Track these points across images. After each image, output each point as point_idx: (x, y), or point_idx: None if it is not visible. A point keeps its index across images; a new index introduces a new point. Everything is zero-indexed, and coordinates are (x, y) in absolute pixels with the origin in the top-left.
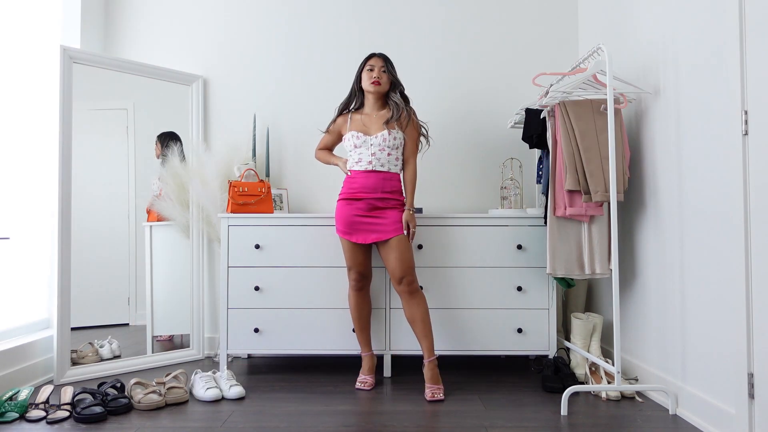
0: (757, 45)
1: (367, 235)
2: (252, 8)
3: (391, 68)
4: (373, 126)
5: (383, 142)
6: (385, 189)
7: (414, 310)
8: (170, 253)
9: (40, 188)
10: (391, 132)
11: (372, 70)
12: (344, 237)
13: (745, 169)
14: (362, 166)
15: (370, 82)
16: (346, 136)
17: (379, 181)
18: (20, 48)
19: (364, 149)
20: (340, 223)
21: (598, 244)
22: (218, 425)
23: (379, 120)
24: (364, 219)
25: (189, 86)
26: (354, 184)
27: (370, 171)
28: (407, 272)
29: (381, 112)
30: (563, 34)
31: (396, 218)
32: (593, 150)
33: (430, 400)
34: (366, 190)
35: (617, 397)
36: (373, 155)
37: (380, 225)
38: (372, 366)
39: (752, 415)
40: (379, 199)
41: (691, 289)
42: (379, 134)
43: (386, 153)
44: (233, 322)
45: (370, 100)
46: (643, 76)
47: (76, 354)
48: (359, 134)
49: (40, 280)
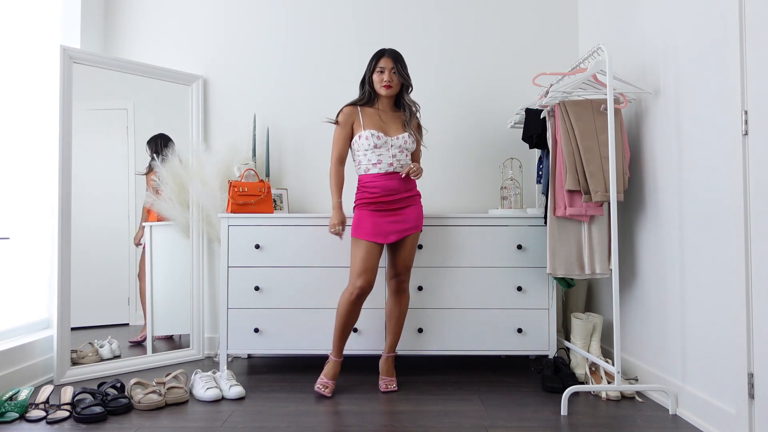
0: (757, 45)
1: (388, 235)
2: (252, 8)
3: (402, 68)
4: (392, 126)
5: (404, 144)
6: (407, 188)
7: (397, 307)
8: (170, 253)
9: (40, 188)
10: (411, 135)
11: (382, 72)
12: (370, 239)
13: (745, 169)
14: (381, 168)
15: (382, 86)
16: (362, 133)
17: (399, 183)
18: (20, 48)
19: (384, 150)
20: (365, 228)
21: (598, 244)
22: (218, 425)
23: (397, 121)
24: (390, 219)
25: (189, 86)
26: (374, 189)
27: (391, 173)
28: (407, 270)
29: (396, 113)
30: (563, 34)
31: (416, 214)
32: (593, 150)
33: (384, 391)
34: (389, 193)
35: (617, 397)
36: (394, 157)
37: (403, 223)
38: (337, 372)
39: (752, 415)
40: (400, 199)
41: (691, 289)
42: (400, 136)
43: (405, 155)
44: (233, 322)
45: (382, 99)
46: (643, 76)
47: (76, 354)
48: (379, 134)
49: (40, 280)
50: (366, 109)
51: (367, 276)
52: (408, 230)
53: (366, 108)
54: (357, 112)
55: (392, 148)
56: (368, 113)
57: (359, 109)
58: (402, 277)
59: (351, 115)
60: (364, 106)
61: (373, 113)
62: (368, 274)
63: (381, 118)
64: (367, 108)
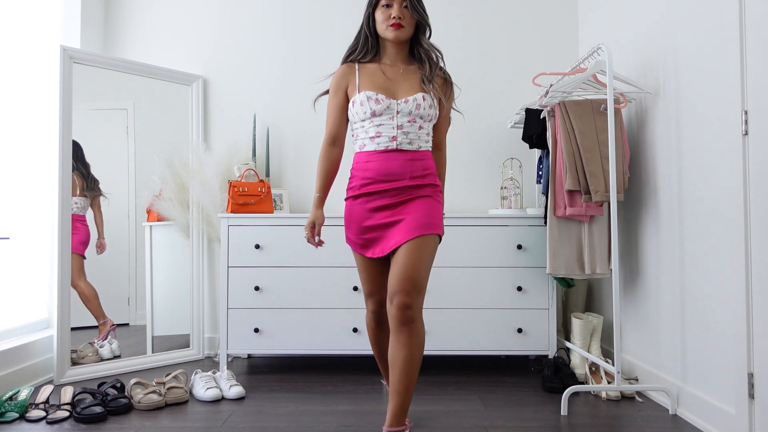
0: (757, 45)
1: (388, 241)
2: (252, 8)
3: (417, 3)
4: (402, 86)
5: (416, 110)
6: (415, 172)
7: (402, 350)
8: (170, 253)
9: (40, 188)
10: (430, 96)
11: (389, 6)
12: (357, 250)
13: (745, 169)
14: (381, 143)
15: (389, 25)
16: (356, 98)
17: (405, 164)
18: (20, 48)
19: (386, 118)
20: (351, 230)
21: (598, 244)
22: (218, 425)
23: (410, 78)
24: (385, 220)
25: (189, 86)
26: (368, 172)
27: (393, 151)
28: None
29: (410, 66)
30: (563, 34)
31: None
32: (593, 150)
33: None
34: (387, 178)
35: (617, 397)
36: (400, 128)
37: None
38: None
39: (752, 415)
40: (405, 188)
41: (691, 289)
42: (411, 98)
43: (417, 126)
44: (233, 322)
45: (389, 50)
46: (643, 76)
47: (76, 354)
48: (380, 96)
49: (40, 280)
50: (366, 66)
51: (375, 298)
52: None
53: (367, 65)
54: (353, 70)
55: (398, 116)
56: (368, 71)
57: (357, 67)
58: (405, 298)
59: (344, 77)
60: (364, 62)
61: (376, 70)
62: (376, 295)
63: (386, 74)
64: (368, 64)
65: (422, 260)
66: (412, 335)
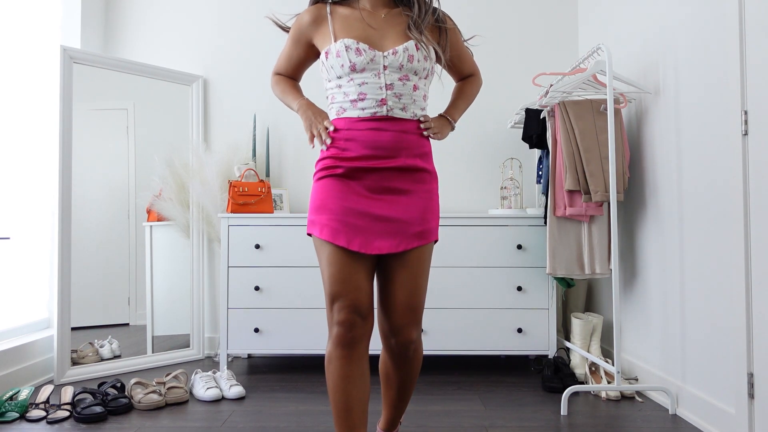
0: (757, 45)
1: (374, 239)
2: (252, 8)
3: None
4: (386, 33)
5: (407, 62)
6: (412, 150)
7: (400, 371)
8: (170, 253)
9: (40, 188)
10: (419, 45)
11: None
12: (329, 240)
13: (745, 169)
14: (366, 108)
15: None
16: (330, 48)
17: (398, 137)
18: (20, 48)
19: (370, 75)
20: (324, 212)
21: (598, 244)
22: (218, 425)
23: (395, 24)
24: (372, 207)
25: (189, 86)
26: (350, 144)
27: (382, 119)
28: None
29: (394, 9)
30: (563, 34)
31: (423, 208)
32: (593, 150)
33: None
34: (376, 154)
35: (617, 397)
36: (390, 88)
37: (398, 223)
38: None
39: (752, 415)
40: (398, 171)
41: (691, 289)
42: (401, 48)
43: (411, 85)
44: (233, 322)
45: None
46: (643, 76)
47: (76, 354)
48: (361, 46)
49: (40, 280)
50: (339, 10)
51: (347, 300)
52: (410, 237)
53: (340, 8)
54: (325, 14)
55: (385, 73)
56: (343, 15)
57: (328, 9)
58: (411, 333)
59: (312, 24)
60: (336, 4)
61: (352, 15)
62: (350, 295)
63: (366, 20)
64: (341, 8)
65: (422, 281)
66: (414, 360)
